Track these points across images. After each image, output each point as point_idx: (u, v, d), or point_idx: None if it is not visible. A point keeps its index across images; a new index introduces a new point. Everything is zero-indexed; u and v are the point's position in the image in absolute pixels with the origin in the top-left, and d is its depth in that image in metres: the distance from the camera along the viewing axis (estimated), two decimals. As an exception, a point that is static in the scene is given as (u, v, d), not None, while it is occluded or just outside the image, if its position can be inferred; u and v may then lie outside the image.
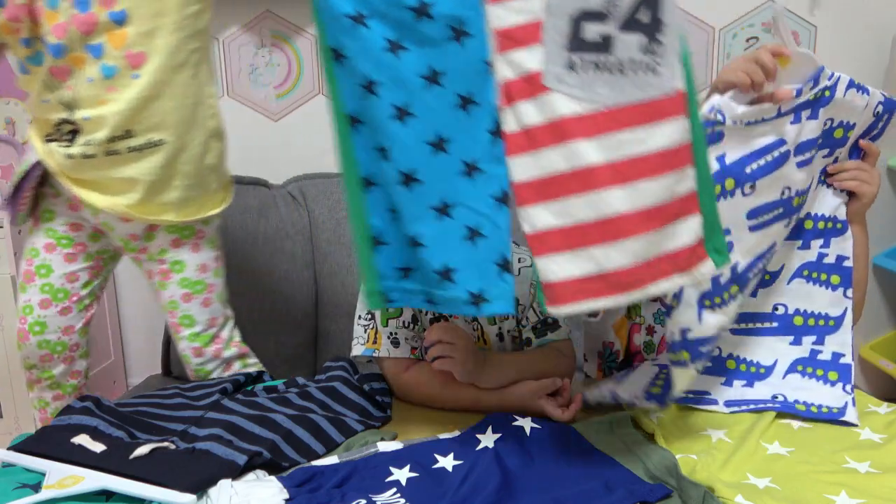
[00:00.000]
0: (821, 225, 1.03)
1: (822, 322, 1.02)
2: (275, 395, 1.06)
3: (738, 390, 1.02)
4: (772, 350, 1.03)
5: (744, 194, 0.92)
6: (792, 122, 0.93)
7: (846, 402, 0.97)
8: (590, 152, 0.77)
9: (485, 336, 1.15)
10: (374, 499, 0.78)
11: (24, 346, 1.25)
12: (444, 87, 0.82)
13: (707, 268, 0.81)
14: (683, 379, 0.93)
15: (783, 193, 0.95)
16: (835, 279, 1.01)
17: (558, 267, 0.79)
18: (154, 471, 0.81)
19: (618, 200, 0.77)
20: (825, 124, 0.97)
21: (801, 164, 0.95)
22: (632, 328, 1.19)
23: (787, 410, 0.98)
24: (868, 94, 0.96)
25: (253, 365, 1.31)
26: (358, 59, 0.83)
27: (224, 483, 0.79)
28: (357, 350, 1.12)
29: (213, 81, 1.21)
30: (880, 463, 0.85)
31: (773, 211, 0.95)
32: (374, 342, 1.10)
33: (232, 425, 0.93)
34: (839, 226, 1.02)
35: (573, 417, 0.98)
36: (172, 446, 0.88)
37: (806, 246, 1.03)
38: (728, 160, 0.91)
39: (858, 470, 0.84)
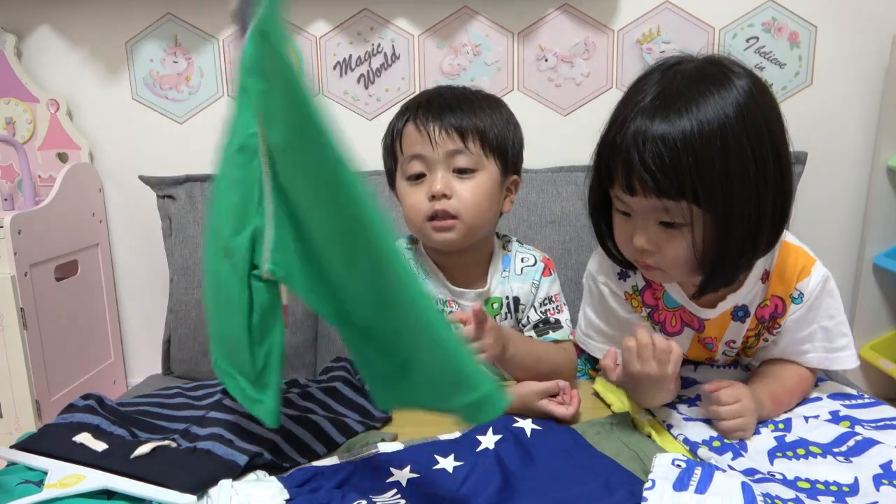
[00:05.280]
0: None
1: None
2: (275, 395, 1.06)
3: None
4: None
5: None
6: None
7: None
8: None
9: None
10: (374, 499, 0.77)
11: None
12: None
13: None
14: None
15: None
16: None
17: None
18: (155, 470, 0.81)
19: None
20: None
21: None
22: None
23: None
24: None
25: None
26: None
27: (224, 483, 0.79)
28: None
29: None
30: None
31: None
32: (375, 342, 1.09)
33: (233, 425, 0.93)
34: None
35: (575, 414, 0.98)
36: (174, 445, 0.89)
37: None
38: None
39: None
